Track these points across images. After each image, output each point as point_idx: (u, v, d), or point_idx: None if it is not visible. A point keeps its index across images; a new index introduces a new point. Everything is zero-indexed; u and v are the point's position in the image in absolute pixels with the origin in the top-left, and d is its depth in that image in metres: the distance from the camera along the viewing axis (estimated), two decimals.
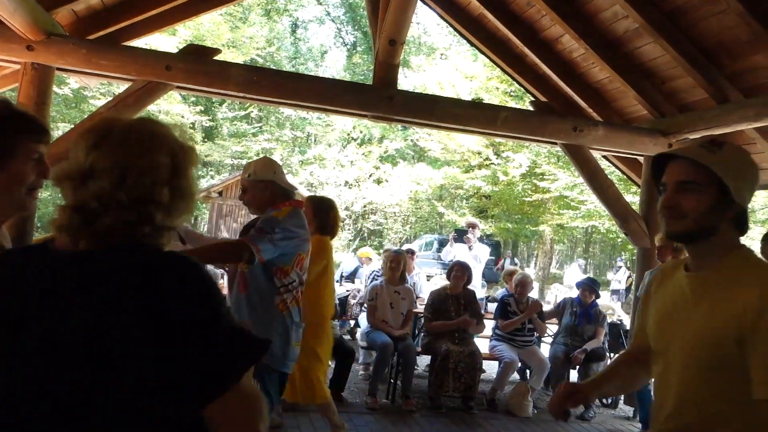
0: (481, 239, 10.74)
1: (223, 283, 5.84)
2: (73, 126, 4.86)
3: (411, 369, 5.54)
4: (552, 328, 6.57)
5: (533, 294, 6.20)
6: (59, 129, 19.81)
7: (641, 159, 6.28)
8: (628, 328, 6.31)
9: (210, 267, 5.37)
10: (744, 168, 1.54)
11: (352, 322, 8.03)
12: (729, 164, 1.47)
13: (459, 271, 5.80)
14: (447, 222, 28.19)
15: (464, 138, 22.18)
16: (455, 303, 5.61)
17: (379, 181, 30.98)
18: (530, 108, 6.24)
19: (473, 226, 8.82)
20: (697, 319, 1.52)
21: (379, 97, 5.28)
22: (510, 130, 5.73)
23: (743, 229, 1.56)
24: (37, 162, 1.53)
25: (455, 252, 8.77)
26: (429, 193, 27.83)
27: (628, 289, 16.96)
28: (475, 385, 5.50)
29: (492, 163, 21.96)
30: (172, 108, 25.96)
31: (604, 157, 7.35)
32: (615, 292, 18.07)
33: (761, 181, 5.92)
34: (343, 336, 6.21)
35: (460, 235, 9.76)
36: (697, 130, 5.49)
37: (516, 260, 15.65)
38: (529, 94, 7.70)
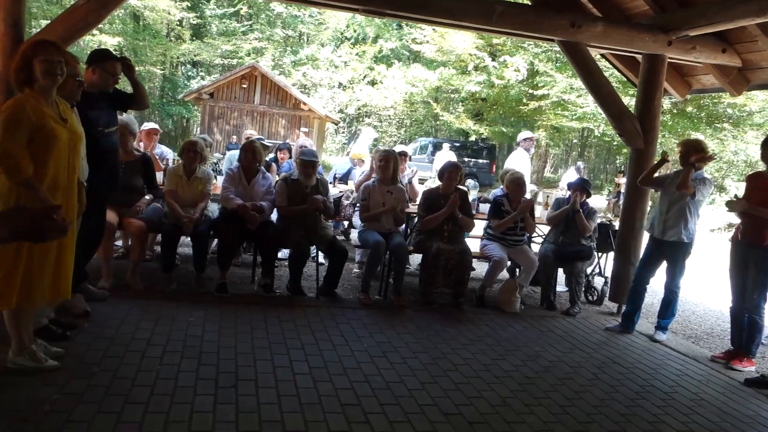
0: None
1: (217, 183, 5.84)
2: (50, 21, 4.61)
3: (403, 267, 5.66)
4: (542, 228, 6.67)
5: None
6: (40, 26, 19.07)
7: (639, 58, 6.12)
8: (617, 228, 6.40)
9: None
10: None
11: (346, 223, 8.12)
12: None
13: (452, 172, 5.80)
14: (442, 124, 27.92)
15: (459, 39, 21.53)
16: (447, 202, 5.64)
17: (373, 83, 30.35)
18: (527, 2, 6.00)
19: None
20: None
21: None
22: (506, 26, 5.53)
23: None
24: None
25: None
26: (424, 95, 27.33)
27: (619, 193, 17.09)
28: (465, 282, 5.65)
29: (487, 66, 21.41)
30: (157, 3, 24.92)
31: (603, 56, 7.17)
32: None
33: (760, 81, 5.81)
34: (337, 236, 6.28)
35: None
36: (698, 26, 5.32)
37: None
38: None
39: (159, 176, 5.76)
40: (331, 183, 7.78)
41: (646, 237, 5.70)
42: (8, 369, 3.21)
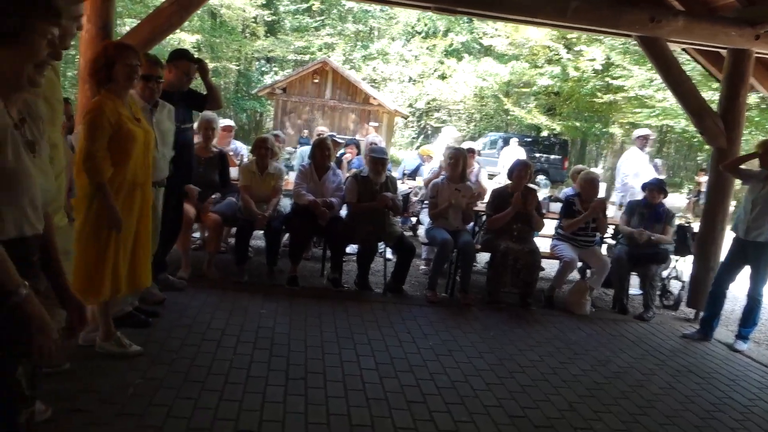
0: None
1: (289, 179, 5.99)
2: (139, 21, 4.90)
3: (470, 265, 5.64)
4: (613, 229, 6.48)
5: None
6: (125, 25, 20.02)
7: (724, 52, 5.84)
8: (696, 230, 6.14)
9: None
10: None
11: (414, 219, 8.16)
12: None
13: (522, 170, 5.73)
14: (513, 119, 27.48)
15: (532, 31, 21.07)
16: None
17: (443, 77, 30.17)
18: None
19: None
20: None
21: None
22: (581, 22, 5.40)
23: None
24: (50, 42, 1.62)
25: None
26: (495, 90, 26.93)
27: (699, 192, 16.35)
28: (533, 283, 5.58)
29: (562, 58, 20.83)
30: (234, 1, 25.65)
31: (684, 50, 6.88)
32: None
33: None
34: (404, 233, 6.32)
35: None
36: None
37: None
38: None
39: (233, 172, 5.97)
40: (399, 179, 7.84)
41: (728, 239, 5.45)
42: (97, 353, 3.43)
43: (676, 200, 17.66)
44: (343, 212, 5.76)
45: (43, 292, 1.76)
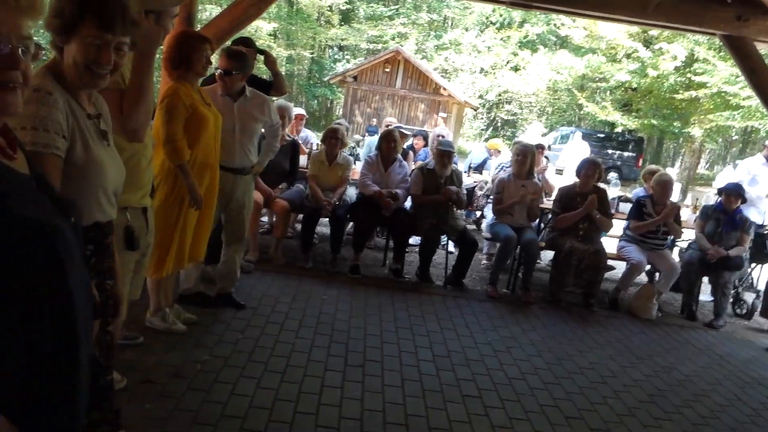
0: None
1: (355, 169, 6.07)
2: (221, 9, 5.06)
3: (533, 262, 5.60)
4: (688, 233, 6.26)
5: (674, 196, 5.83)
6: (207, 11, 20.65)
7: None
8: None
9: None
10: None
11: (478, 213, 8.13)
12: None
13: (589, 169, 5.61)
14: (586, 114, 26.72)
15: (611, 25, 20.35)
16: (584, 201, 5.47)
17: (516, 69, 29.66)
18: None
19: None
20: None
21: None
22: (662, 19, 5.21)
23: None
24: (98, 48, 1.68)
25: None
26: (569, 83, 26.24)
27: None
28: (598, 283, 5.48)
29: (640, 57, 20.00)
30: None
31: None
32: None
33: None
34: (468, 226, 6.32)
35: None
36: None
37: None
38: None
39: (302, 160, 6.11)
40: (465, 172, 7.82)
41: None
42: (147, 327, 3.63)
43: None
44: (408, 204, 5.81)
45: (108, 292, 1.89)
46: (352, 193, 6.01)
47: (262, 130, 4.21)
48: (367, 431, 2.88)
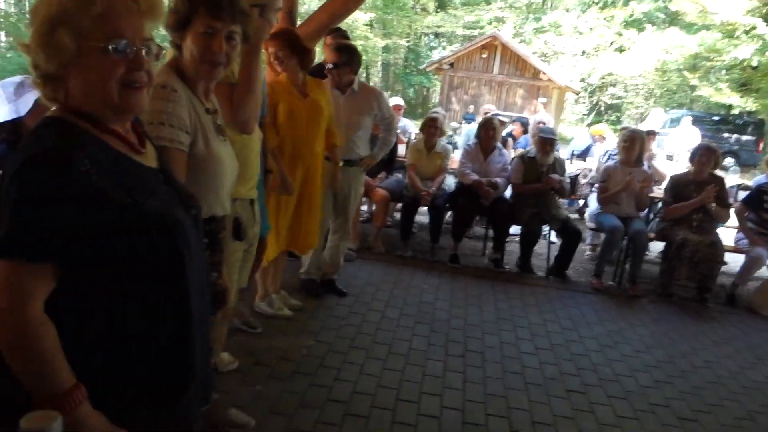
0: None
1: (454, 158, 6.04)
2: (319, 3, 5.19)
3: (641, 254, 5.34)
4: None
5: None
6: (304, 3, 21.12)
7: None
8: None
9: None
10: None
11: (581, 202, 7.85)
12: None
13: (704, 155, 5.26)
14: (698, 97, 25.09)
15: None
16: (698, 190, 5.14)
17: (621, 50, 28.23)
18: None
19: None
20: None
21: None
22: None
23: None
24: (210, 37, 1.77)
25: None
26: (679, 63, 24.67)
27: None
28: (713, 277, 5.14)
29: (760, 34, 18.44)
30: None
31: None
32: None
33: None
34: (570, 215, 6.12)
35: None
36: None
37: None
38: None
39: (400, 149, 6.15)
40: (568, 160, 7.58)
41: None
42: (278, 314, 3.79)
43: None
44: (508, 193, 5.71)
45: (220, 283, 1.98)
46: (450, 182, 5.98)
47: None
48: (469, 422, 2.88)
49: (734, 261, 5.83)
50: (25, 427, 0.59)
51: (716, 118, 20.81)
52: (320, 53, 5.67)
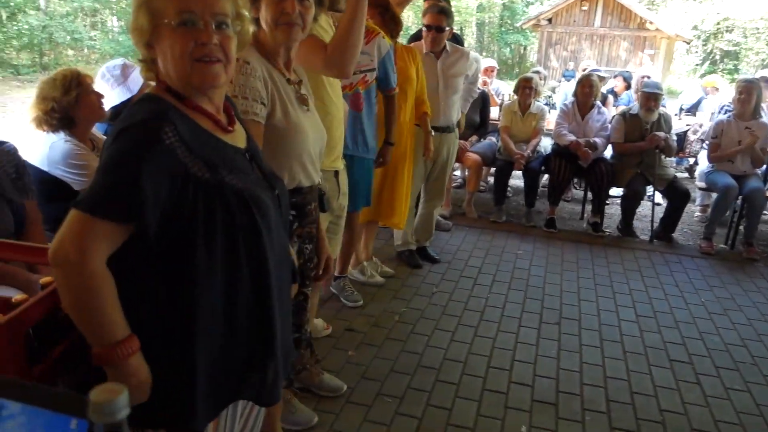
0: None
1: (550, 119, 5.83)
2: None
3: (758, 215, 4.93)
4: None
5: None
6: None
7: None
8: None
9: None
10: None
11: (691, 160, 7.35)
12: None
13: None
14: None
15: None
16: None
17: None
18: None
19: None
20: None
21: None
22: None
23: None
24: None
25: None
26: None
27: None
28: None
29: None
30: None
31: None
32: None
33: None
34: (678, 174, 5.74)
35: None
36: None
37: None
38: None
39: (494, 112, 5.99)
40: (676, 115, 7.10)
41: None
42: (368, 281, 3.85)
43: None
44: (608, 153, 5.43)
45: (307, 256, 2.00)
46: (546, 143, 5.77)
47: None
48: (563, 391, 2.81)
49: None
50: (95, 401, 0.62)
51: None
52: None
